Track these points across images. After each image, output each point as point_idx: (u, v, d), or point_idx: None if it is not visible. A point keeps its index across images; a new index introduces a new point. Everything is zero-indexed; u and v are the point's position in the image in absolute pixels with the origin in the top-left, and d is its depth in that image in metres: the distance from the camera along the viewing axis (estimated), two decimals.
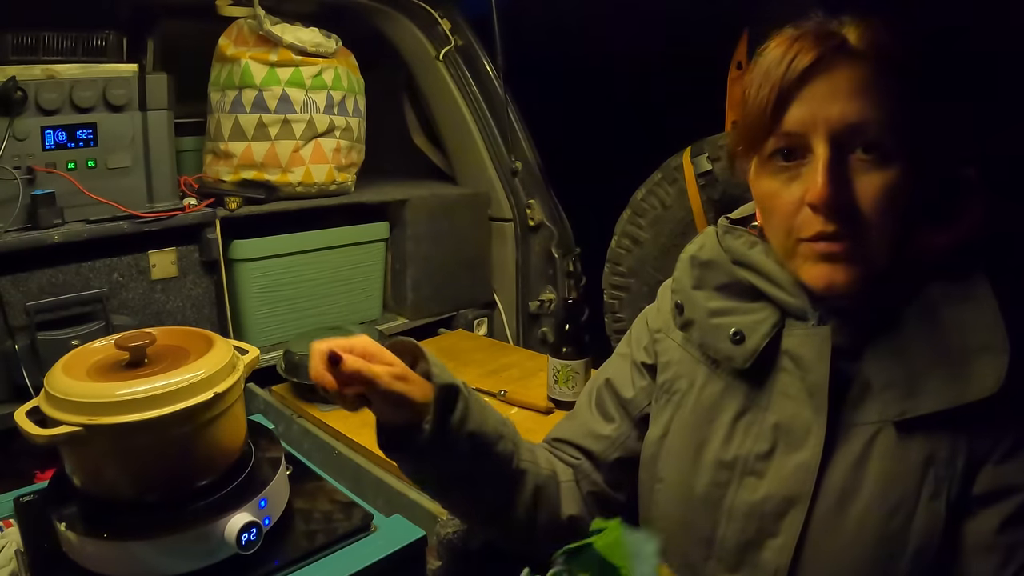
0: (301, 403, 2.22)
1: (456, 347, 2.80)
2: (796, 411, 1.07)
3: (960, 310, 1.00)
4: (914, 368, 1.00)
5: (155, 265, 2.27)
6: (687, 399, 1.20)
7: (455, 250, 3.05)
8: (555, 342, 2.18)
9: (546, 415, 2.13)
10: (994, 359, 0.96)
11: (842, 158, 0.97)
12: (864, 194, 0.96)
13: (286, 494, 1.50)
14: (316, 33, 2.53)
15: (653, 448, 1.24)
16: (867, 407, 1.04)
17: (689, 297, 1.21)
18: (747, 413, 1.13)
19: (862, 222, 0.97)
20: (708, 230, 1.25)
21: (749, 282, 1.13)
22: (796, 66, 0.98)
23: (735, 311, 1.14)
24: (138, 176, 2.23)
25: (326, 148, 2.58)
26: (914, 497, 0.99)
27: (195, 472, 1.35)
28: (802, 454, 1.05)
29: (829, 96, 0.97)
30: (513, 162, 3.07)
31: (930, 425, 0.99)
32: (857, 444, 1.03)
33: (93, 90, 2.10)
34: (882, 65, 0.98)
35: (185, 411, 1.26)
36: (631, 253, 2.71)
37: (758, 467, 1.09)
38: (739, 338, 1.11)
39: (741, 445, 1.11)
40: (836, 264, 0.99)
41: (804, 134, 0.98)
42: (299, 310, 2.67)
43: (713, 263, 1.19)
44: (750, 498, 1.08)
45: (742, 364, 1.11)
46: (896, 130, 0.96)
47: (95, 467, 1.32)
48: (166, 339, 1.44)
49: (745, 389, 1.13)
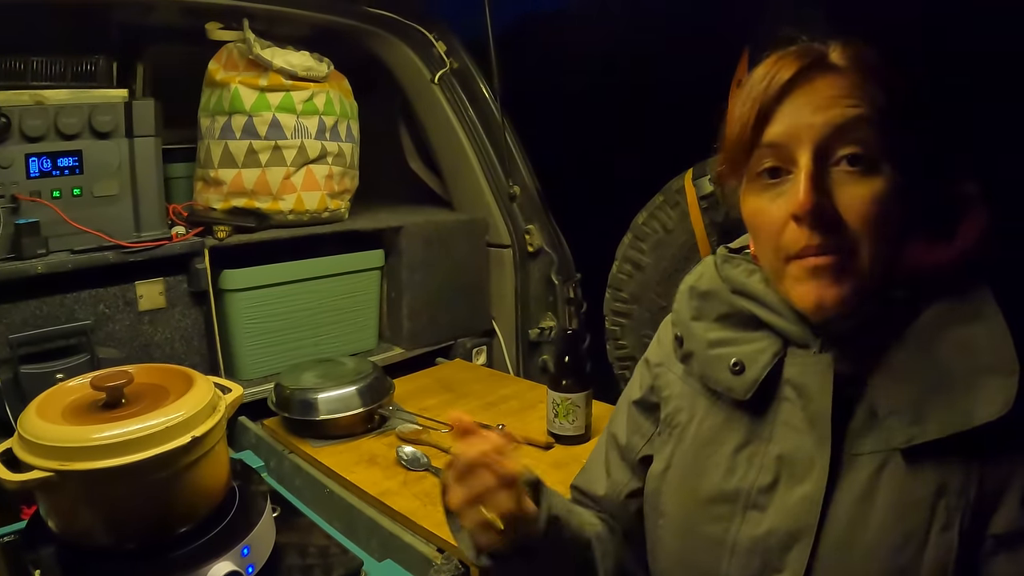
0: (293, 438, 2.17)
1: (454, 378, 2.75)
2: (799, 442, 1.04)
3: (966, 329, 0.98)
4: (920, 393, 0.97)
5: (142, 296, 2.22)
6: (687, 432, 1.19)
7: (452, 277, 3.01)
8: (554, 375, 2.13)
9: (546, 450, 2.08)
10: (1003, 380, 0.93)
11: (826, 169, 0.96)
12: (850, 205, 0.95)
13: (271, 539, 1.46)
14: (307, 57, 2.50)
15: (656, 482, 1.22)
16: (872, 436, 1.00)
17: (688, 329, 1.20)
18: (749, 445, 1.10)
19: (849, 234, 0.96)
20: (707, 259, 1.25)
21: (749, 311, 1.12)
22: (777, 81, 0.99)
23: (735, 341, 1.13)
24: (125, 205, 2.19)
25: (318, 175, 2.54)
26: (924, 529, 0.95)
27: (174, 519, 1.33)
28: (806, 486, 1.02)
29: (809, 106, 0.97)
30: (511, 187, 3.04)
31: (940, 452, 0.95)
32: (863, 474, 1.00)
33: (78, 116, 2.06)
34: (864, 77, 0.98)
35: (162, 456, 1.23)
36: (633, 278, 2.68)
37: (761, 500, 1.06)
38: (739, 369, 1.10)
39: (743, 478, 1.09)
40: (825, 280, 0.97)
41: (787, 145, 0.98)
42: (292, 341, 2.62)
43: (712, 293, 1.18)
44: (753, 532, 1.05)
45: (743, 395, 1.09)
46: (881, 136, 0.95)
47: (70, 513, 1.30)
48: (145, 377, 1.40)
49: (747, 420, 1.11)
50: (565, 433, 2.10)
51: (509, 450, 1.08)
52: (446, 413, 2.29)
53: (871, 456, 1.00)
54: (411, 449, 2.01)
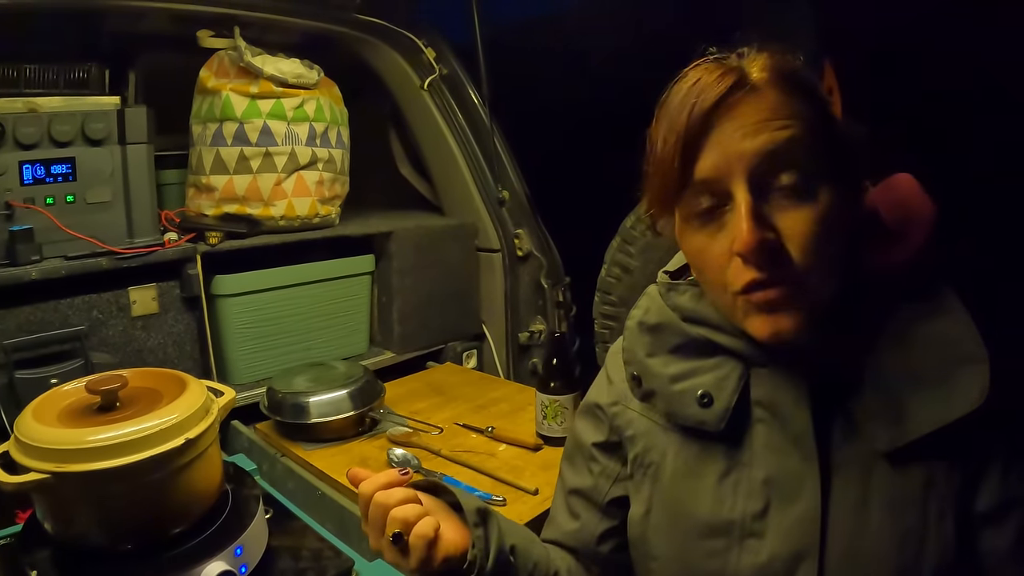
0: (285, 442, 2.18)
1: (444, 381, 2.76)
2: (783, 462, 1.03)
3: (932, 325, 0.98)
4: (895, 394, 0.97)
5: (135, 302, 2.24)
6: (662, 471, 1.16)
7: (442, 282, 3.02)
8: (543, 377, 2.14)
9: (534, 452, 2.09)
10: (975, 369, 0.94)
11: (764, 199, 0.93)
12: (794, 232, 0.93)
13: (264, 540, 1.47)
14: (297, 64, 2.52)
15: (639, 527, 1.19)
16: (854, 442, 1.00)
17: (645, 366, 1.16)
18: (731, 473, 1.08)
19: (796, 263, 0.93)
20: (649, 290, 1.21)
21: (705, 338, 1.09)
22: (698, 110, 0.94)
23: (696, 371, 1.10)
24: (118, 211, 2.20)
25: (308, 181, 2.56)
26: (922, 524, 0.96)
27: (168, 520, 1.33)
28: (800, 505, 1.01)
29: (738, 134, 0.93)
30: (500, 191, 3.06)
31: (923, 448, 0.96)
32: (855, 483, 0.99)
33: (71, 124, 2.08)
34: (786, 90, 0.95)
35: (156, 458, 1.24)
36: (621, 282, 2.68)
37: (756, 527, 1.04)
38: (707, 400, 1.07)
39: (733, 507, 1.07)
40: (778, 313, 0.95)
41: (720, 179, 0.94)
42: (284, 346, 2.64)
43: (663, 326, 1.15)
44: (755, 561, 1.03)
45: (716, 427, 1.07)
46: (813, 154, 0.93)
47: (66, 515, 1.30)
48: (139, 381, 1.41)
49: (722, 448, 1.09)
50: (554, 435, 2.11)
51: (401, 482, 1.09)
52: (437, 415, 2.32)
53: (857, 463, 1.00)
54: (401, 451, 2.03)
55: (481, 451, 2.08)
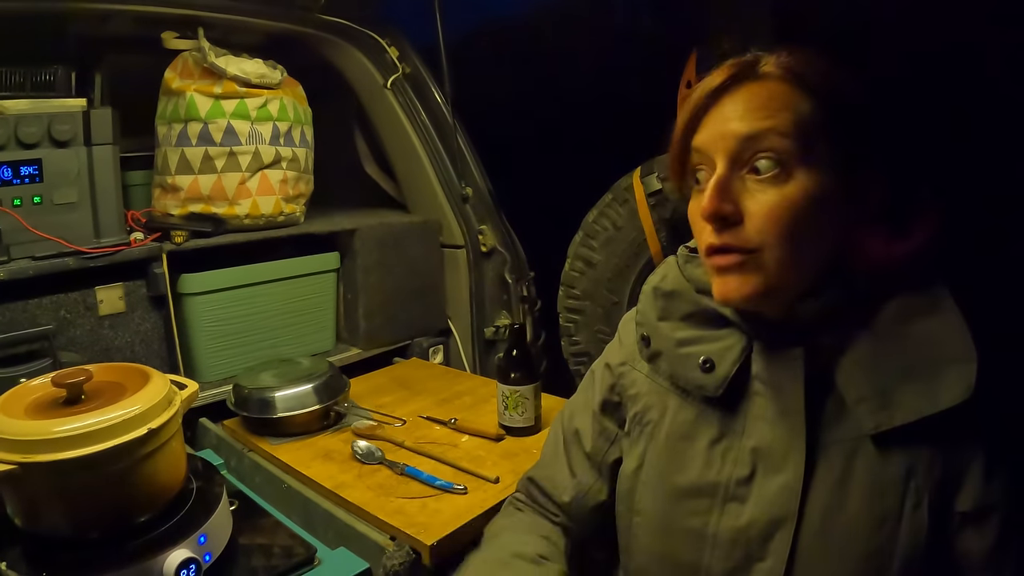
0: (252, 437, 2.20)
1: (410, 376, 2.79)
2: (773, 434, 1.08)
3: (927, 322, 1.03)
4: (885, 381, 1.02)
5: (102, 301, 2.25)
6: (659, 430, 1.21)
7: (407, 278, 3.04)
8: (503, 368, 2.17)
9: (496, 442, 2.12)
10: (963, 367, 0.99)
11: (739, 175, 1.01)
12: (755, 211, 1.00)
13: (228, 529, 1.50)
14: (260, 64, 2.54)
15: (629, 481, 1.24)
16: (843, 424, 1.06)
17: (655, 329, 1.23)
18: (723, 439, 1.14)
19: (752, 237, 0.99)
20: (669, 260, 1.28)
21: (715, 309, 1.15)
22: (707, 88, 1.03)
23: (703, 339, 1.17)
24: (84, 211, 2.21)
25: (273, 179, 2.58)
26: (898, 509, 1.01)
27: (134, 508, 1.36)
28: (783, 476, 1.06)
29: (730, 114, 1.02)
30: (463, 188, 3.09)
31: (907, 436, 1.01)
32: (838, 461, 1.05)
33: (38, 126, 2.08)
34: (789, 83, 1.01)
35: (120, 447, 1.27)
36: (585, 275, 2.72)
37: (739, 492, 1.10)
38: (709, 366, 1.14)
39: (720, 471, 1.12)
40: (729, 276, 1.03)
41: (708, 151, 1.03)
42: (251, 343, 2.65)
43: (677, 293, 1.21)
44: (734, 524, 1.09)
45: (714, 392, 1.13)
46: (796, 145, 0.98)
47: (33, 505, 1.33)
48: (104, 375, 1.44)
49: (718, 415, 1.15)
50: (515, 425, 2.14)
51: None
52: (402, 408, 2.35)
53: (843, 443, 1.05)
54: (365, 443, 2.05)
55: (444, 442, 2.11)
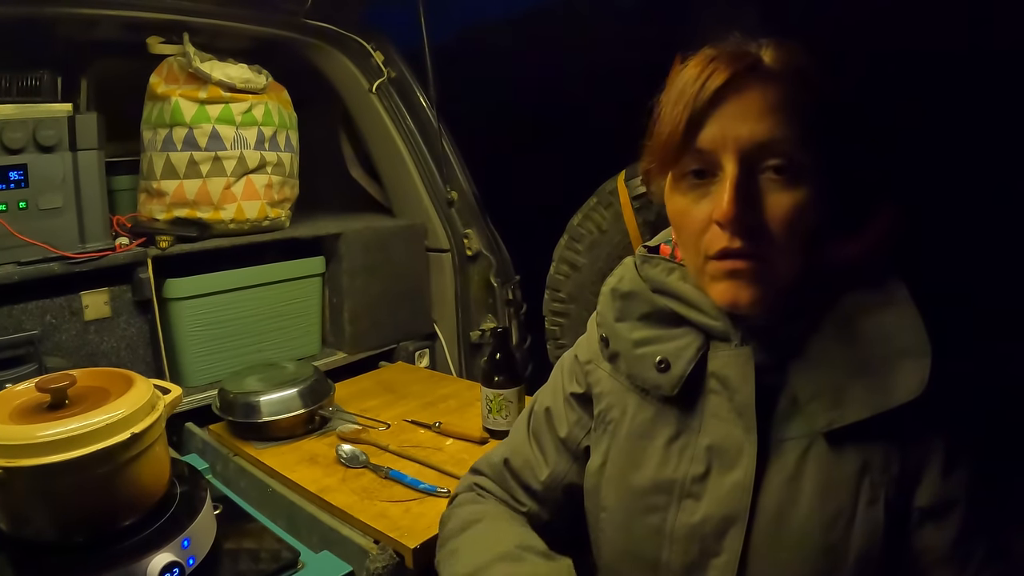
0: (237, 441, 2.20)
1: (395, 380, 2.79)
2: (727, 431, 1.09)
3: (880, 317, 1.04)
4: (838, 378, 1.03)
5: (88, 306, 2.26)
6: (620, 428, 1.22)
7: (393, 282, 3.05)
8: (487, 371, 2.18)
9: (480, 445, 2.13)
10: (916, 362, 0.99)
11: (751, 176, 0.99)
12: (772, 213, 0.98)
13: (212, 533, 1.50)
14: (245, 69, 2.54)
15: (595, 478, 1.25)
16: (796, 421, 1.06)
17: (613, 330, 1.23)
18: (680, 437, 1.14)
19: (768, 240, 0.99)
20: (626, 261, 1.28)
21: (670, 309, 1.16)
22: (709, 86, 1.00)
23: (659, 339, 1.17)
24: (70, 217, 2.21)
25: (258, 184, 2.58)
26: (852, 506, 1.01)
27: (118, 512, 1.37)
28: (736, 473, 1.07)
29: (740, 116, 0.99)
30: (449, 192, 3.09)
31: (861, 433, 1.01)
32: (790, 459, 1.05)
33: (23, 131, 2.09)
34: (795, 84, 1.00)
35: (103, 451, 1.28)
36: (570, 279, 2.72)
37: (695, 489, 1.11)
38: (664, 366, 1.14)
39: (676, 469, 1.13)
40: (740, 281, 1.01)
41: (714, 152, 1.00)
42: (236, 348, 2.66)
43: (633, 294, 1.21)
44: (689, 520, 1.10)
45: (670, 391, 1.13)
46: (807, 148, 0.98)
47: (18, 510, 1.34)
48: (88, 380, 1.45)
49: (676, 413, 1.15)
50: (499, 428, 2.15)
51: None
52: (387, 412, 2.36)
53: (796, 441, 1.05)
54: (350, 447, 2.06)
55: (428, 446, 2.12)
